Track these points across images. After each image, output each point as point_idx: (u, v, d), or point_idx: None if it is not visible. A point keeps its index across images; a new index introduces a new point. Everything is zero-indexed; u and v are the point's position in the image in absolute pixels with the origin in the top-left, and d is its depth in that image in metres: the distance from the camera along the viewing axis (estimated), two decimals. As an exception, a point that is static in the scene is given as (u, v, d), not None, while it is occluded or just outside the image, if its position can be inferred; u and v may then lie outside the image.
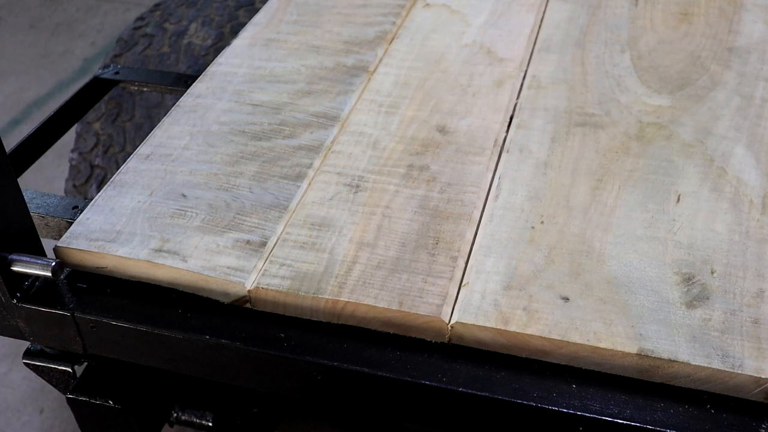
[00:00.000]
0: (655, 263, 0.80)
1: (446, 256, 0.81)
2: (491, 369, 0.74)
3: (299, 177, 0.92)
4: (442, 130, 0.98)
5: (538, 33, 1.17)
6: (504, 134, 0.98)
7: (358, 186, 0.90)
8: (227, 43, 1.20)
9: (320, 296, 0.77)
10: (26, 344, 0.91)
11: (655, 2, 1.22)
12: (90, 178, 1.72)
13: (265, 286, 0.78)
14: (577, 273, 0.79)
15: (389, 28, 1.19)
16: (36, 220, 0.94)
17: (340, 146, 0.97)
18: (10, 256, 0.79)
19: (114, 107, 1.73)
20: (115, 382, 0.87)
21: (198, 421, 1.17)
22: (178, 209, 0.88)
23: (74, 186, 1.74)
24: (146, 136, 1.00)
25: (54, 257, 0.83)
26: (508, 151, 0.95)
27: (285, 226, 0.85)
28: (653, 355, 0.71)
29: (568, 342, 0.72)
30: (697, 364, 0.70)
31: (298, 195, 0.89)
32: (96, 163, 1.71)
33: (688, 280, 0.78)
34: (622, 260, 0.80)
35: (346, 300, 0.77)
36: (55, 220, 0.95)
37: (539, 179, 0.90)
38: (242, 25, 1.29)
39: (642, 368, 0.72)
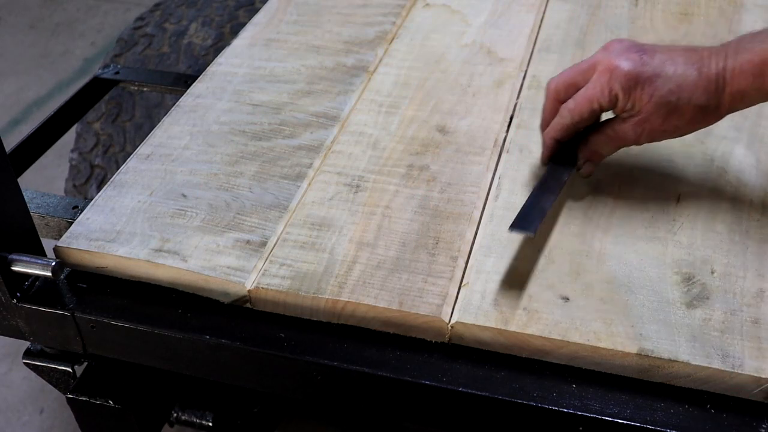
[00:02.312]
0: (655, 263, 0.80)
1: (446, 256, 0.81)
2: (491, 369, 0.74)
3: (299, 177, 0.92)
4: (442, 130, 0.98)
5: (538, 33, 1.17)
6: (504, 134, 0.98)
7: (358, 186, 0.90)
8: (227, 43, 1.20)
9: (320, 296, 0.77)
10: (26, 344, 0.91)
11: (655, 2, 1.22)
12: (90, 178, 1.72)
13: (265, 286, 0.78)
14: (577, 273, 0.79)
15: (389, 28, 1.19)
16: (36, 220, 0.94)
17: (340, 146, 0.97)
18: (10, 256, 0.79)
19: (114, 107, 1.73)
20: (115, 382, 0.87)
21: (198, 421, 1.17)
22: (178, 209, 0.88)
23: (74, 186, 1.74)
24: (146, 136, 1.00)
25: (54, 257, 0.83)
26: (508, 151, 0.95)
27: (285, 226, 0.85)
28: (653, 355, 0.71)
29: (568, 342, 0.72)
30: (697, 363, 0.70)
31: (298, 195, 0.89)
32: (96, 163, 1.71)
33: (688, 279, 0.78)
34: (622, 260, 0.80)
35: (346, 300, 0.77)
36: (55, 220, 0.95)
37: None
38: (242, 25, 1.29)
39: (642, 368, 0.72)
